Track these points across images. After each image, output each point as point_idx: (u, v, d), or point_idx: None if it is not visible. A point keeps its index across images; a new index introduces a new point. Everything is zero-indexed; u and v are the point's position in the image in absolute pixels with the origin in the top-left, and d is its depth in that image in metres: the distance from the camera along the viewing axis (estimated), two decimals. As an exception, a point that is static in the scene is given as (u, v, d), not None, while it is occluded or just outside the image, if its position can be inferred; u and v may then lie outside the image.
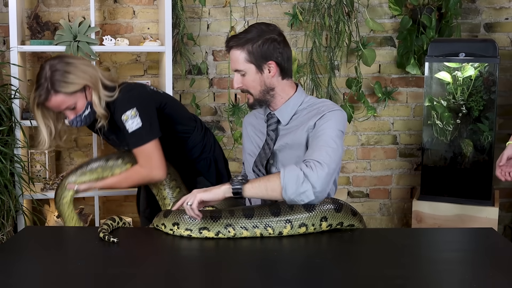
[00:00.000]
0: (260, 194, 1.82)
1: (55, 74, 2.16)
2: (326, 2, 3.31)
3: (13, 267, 1.63)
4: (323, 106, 2.01)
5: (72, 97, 2.20)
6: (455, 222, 3.08)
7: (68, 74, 2.17)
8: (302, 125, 2.00)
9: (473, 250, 1.86)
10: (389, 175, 3.62)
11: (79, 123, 2.27)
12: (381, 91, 3.44)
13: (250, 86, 2.03)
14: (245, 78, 2.02)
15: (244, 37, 2.00)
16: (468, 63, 3.07)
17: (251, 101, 2.07)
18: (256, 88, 2.03)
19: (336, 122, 1.95)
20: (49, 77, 2.16)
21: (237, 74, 2.03)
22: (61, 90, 2.17)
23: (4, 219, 2.86)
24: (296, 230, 1.84)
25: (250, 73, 2.01)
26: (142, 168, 2.24)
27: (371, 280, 1.58)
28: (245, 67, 2.00)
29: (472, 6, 3.47)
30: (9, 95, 2.95)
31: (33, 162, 3.17)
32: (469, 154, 3.16)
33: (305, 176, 1.77)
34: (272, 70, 2.01)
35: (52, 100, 2.18)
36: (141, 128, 2.20)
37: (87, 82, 2.20)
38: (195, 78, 3.42)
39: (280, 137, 2.07)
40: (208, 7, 3.40)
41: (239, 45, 1.99)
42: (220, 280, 1.56)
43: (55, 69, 2.17)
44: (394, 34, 3.49)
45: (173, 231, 1.86)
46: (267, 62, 2.00)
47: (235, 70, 2.03)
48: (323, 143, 1.88)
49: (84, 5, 3.30)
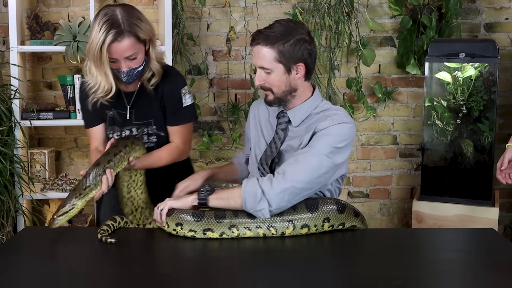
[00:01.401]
0: (223, 205, 1.86)
1: (130, 16, 2.02)
2: (326, 2, 3.30)
3: (13, 267, 1.63)
4: (334, 114, 1.94)
5: (138, 46, 2.05)
6: (455, 222, 3.08)
7: (141, 21, 2.05)
8: (309, 130, 1.95)
9: (473, 251, 1.86)
10: (389, 175, 3.61)
11: (133, 78, 2.09)
12: (381, 91, 3.44)
13: (274, 85, 1.96)
14: (270, 76, 1.94)
15: (274, 34, 1.91)
16: (468, 63, 3.07)
17: (271, 99, 1.99)
18: (280, 88, 1.96)
19: (335, 138, 1.86)
20: (123, 18, 2.00)
21: (260, 71, 1.95)
22: (136, 32, 2.02)
23: (4, 219, 2.86)
24: (298, 231, 1.84)
25: (277, 72, 1.93)
26: (182, 146, 2.23)
27: (372, 281, 1.58)
28: (272, 66, 1.92)
29: (472, 6, 3.46)
30: (8, 95, 2.95)
31: (33, 162, 3.17)
32: (469, 154, 3.16)
33: (262, 194, 1.80)
34: (300, 72, 1.95)
35: (124, 42, 2.00)
36: (193, 106, 2.24)
37: (152, 35, 2.10)
38: (195, 78, 3.42)
39: (288, 138, 2.02)
40: (208, 7, 3.40)
41: (269, 43, 1.91)
42: (221, 279, 1.56)
43: (129, 11, 2.04)
44: (394, 34, 3.49)
45: (177, 231, 1.86)
46: (296, 63, 1.93)
47: (260, 67, 1.95)
48: (303, 158, 1.84)
49: (84, 5, 3.30)
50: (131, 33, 2.00)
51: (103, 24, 1.98)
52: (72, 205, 1.88)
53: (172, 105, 2.19)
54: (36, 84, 3.38)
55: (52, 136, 3.40)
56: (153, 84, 2.16)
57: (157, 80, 2.16)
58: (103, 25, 1.98)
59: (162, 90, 2.18)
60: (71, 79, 3.08)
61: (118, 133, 2.22)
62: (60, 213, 1.86)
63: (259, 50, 1.92)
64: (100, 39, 1.98)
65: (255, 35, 1.94)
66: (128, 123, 2.21)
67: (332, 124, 1.89)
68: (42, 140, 3.40)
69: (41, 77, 3.38)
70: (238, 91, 3.48)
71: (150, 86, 2.16)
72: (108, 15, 2.00)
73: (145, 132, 2.22)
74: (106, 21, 1.99)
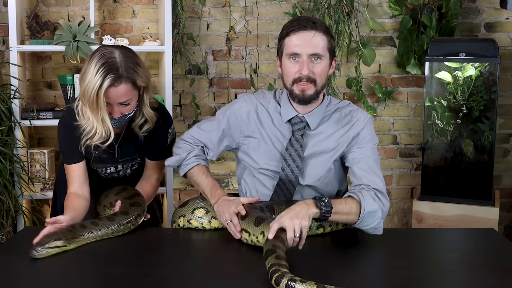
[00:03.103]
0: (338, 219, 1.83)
1: (129, 61, 1.93)
2: (326, 2, 3.30)
3: (13, 267, 1.63)
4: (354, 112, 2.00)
5: (134, 92, 1.96)
6: (455, 222, 3.07)
7: (139, 66, 1.96)
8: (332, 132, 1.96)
9: (473, 251, 1.86)
10: (389, 175, 3.61)
11: (121, 123, 2.03)
12: (382, 91, 3.44)
13: (321, 75, 1.90)
14: (319, 65, 1.89)
15: (323, 23, 1.92)
16: (468, 63, 3.07)
17: (311, 93, 1.91)
18: (323, 80, 1.92)
19: (374, 138, 1.97)
20: (122, 62, 1.91)
21: (307, 60, 1.88)
22: (134, 78, 1.93)
23: (4, 219, 2.85)
24: (314, 231, 1.88)
25: (325, 61, 1.90)
26: (160, 178, 2.26)
27: (372, 281, 1.58)
28: (324, 53, 1.90)
29: (473, 5, 3.46)
30: (8, 95, 2.95)
31: (33, 162, 3.16)
32: (470, 154, 3.16)
33: (382, 213, 1.84)
34: (333, 67, 1.97)
35: (120, 87, 1.91)
36: (173, 141, 2.20)
37: (148, 82, 2.01)
38: (195, 78, 3.42)
39: (311, 143, 1.97)
40: (208, 7, 3.39)
41: (323, 30, 1.90)
42: (223, 278, 1.56)
43: (128, 55, 1.95)
44: (394, 34, 3.48)
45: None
46: (334, 57, 1.96)
47: (311, 54, 1.88)
48: (374, 168, 1.91)
49: (84, 4, 3.30)
50: (128, 79, 1.91)
51: (100, 66, 1.89)
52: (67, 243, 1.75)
53: (158, 144, 2.17)
54: (36, 83, 3.37)
55: (52, 136, 3.39)
56: (145, 131, 2.09)
57: (149, 127, 2.09)
58: (101, 68, 1.89)
59: (150, 132, 2.12)
60: (71, 78, 3.08)
61: (103, 169, 2.17)
62: (52, 245, 1.71)
63: (314, 37, 1.87)
64: (97, 83, 1.88)
65: (304, 22, 1.89)
66: (114, 160, 2.16)
67: (363, 126, 1.96)
68: (42, 140, 3.40)
69: (41, 77, 3.38)
70: (238, 91, 3.47)
71: (142, 134, 2.09)
72: (106, 57, 1.90)
73: (129, 166, 2.22)
74: (103, 63, 1.89)
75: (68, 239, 1.76)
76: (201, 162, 2.06)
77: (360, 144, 1.95)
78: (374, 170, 1.91)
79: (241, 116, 2.04)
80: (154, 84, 3.40)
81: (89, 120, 1.96)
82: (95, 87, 1.88)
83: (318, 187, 2.00)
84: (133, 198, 2.03)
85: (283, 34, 1.92)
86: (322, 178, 1.99)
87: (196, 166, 2.04)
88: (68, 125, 2.04)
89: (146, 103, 2.03)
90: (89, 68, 1.91)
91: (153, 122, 2.08)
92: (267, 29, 3.43)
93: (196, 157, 2.06)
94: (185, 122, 3.48)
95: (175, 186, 3.46)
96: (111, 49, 1.94)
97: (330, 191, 2.02)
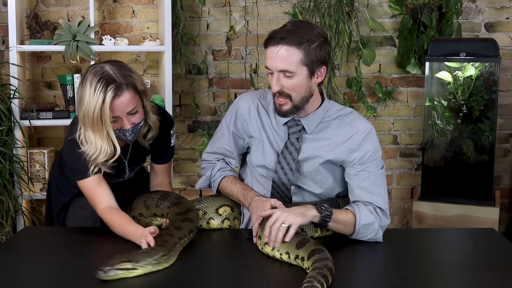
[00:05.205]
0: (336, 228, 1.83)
1: (121, 69, 1.88)
2: (326, 2, 3.30)
3: (13, 267, 1.63)
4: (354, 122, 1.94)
5: (137, 98, 1.90)
6: (455, 222, 3.07)
7: (132, 72, 1.91)
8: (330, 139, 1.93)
9: (474, 251, 1.86)
10: (389, 175, 3.61)
11: (136, 134, 1.94)
12: (382, 91, 3.43)
13: (294, 89, 1.82)
14: (291, 80, 1.80)
15: (299, 34, 1.78)
16: (468, 62, 3.06)
17: (287, 108, 1.85)
18: (300, 93, 1.83)
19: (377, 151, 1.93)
20: (115, 71, 1.86)
21: (279, 75, 1.80)
22: (134, 83, 1.87)
23: (3, 220, 2.85)
24: (325, 233, 1.88)
25: (299, 76, 1.80)
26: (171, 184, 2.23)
27: (372, 281, 1.58)
28: (297, 69, 1.79)
29: (473, 5, 3.46)
30: (8, 95, 2.94)
31: (32, 162, 3.16)
32: (470, 154, 3.16)
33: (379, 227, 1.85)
34: (321, 75, 1.85)
35: (124, 95, 1.84)
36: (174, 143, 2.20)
37: (145, 86, 1.94)
38: (194, 78, 3.42)
39: (305, 146, 1.94)
40: (208, 7, 3.39)
41: (296, 43, 1.77)
42: (228, 278, 1.55)
43: (119, 65, 1.90)
44: (394, 34, 3.48)
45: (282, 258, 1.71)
46: (320, 67, 1.83)
47: (280, 70, 1.79)
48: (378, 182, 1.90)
49: (84, 4, 3.30)
50: (129, 85, 1.86)
51: (97, 83, 1.83)
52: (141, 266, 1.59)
53: (162, 148, 2.14)
54: (35, 83, 3.37)
55: (52, 136, 3.39)
56: (149, 139, 2.04)
57: (154, 135, 2.03)
58: (98, 84, 1.82)
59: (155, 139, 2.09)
60: (71, 78, 3.07)
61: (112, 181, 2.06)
62: (123, 267, 1.56)
63: (281, 51, 1.78)
64: (99, 100, 1.82)
65: (276, 34, 1.79)
66: (122, 174, 2.12)
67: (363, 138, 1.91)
68: (42, 139, 3.40)
69: (41, 77, 3.38)
70: (238, 91, 3.47)
71: (147, 142, 2.04)
72: (99, 73, 1.85)
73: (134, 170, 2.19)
74: (99, 79, 1.83)
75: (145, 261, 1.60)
76: (227, 173, 2.06)
77: (362, 160, 1.90)
78: (375, 188, 1.89)
79: (243, 116, 2.03)
80: (154, 84, 3.39)
81: (92, 143, 1.89)
82: (98, 104, 1.82)
83: (315, 190, 1.98)
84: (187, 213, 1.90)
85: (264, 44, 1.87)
86: (320, 183, 1.96)
87: (223, 179, 2.04)
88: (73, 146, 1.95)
89: (148, 109, 1.98)
90: (85, 90, 1.85)
91: (157, 128, 2.03)
92: (267, 29, 3.42)
93: (221, 170, 2.06)
94: (185, 122, 3.48)
95: (175, 186, 3.45)
96: (101, 65, 1.90)
97: (328, 195, 2.00)
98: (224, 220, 2.00)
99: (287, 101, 1.84)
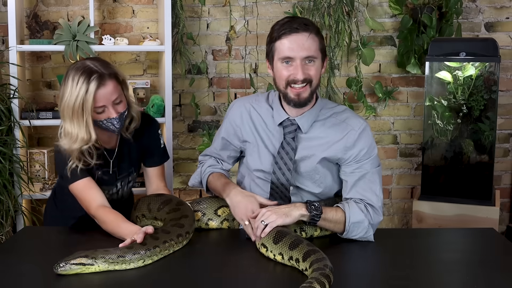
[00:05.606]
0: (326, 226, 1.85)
1: (100, 61, 1.96)
2: (326, 2, 3.30)
3: (13, 267, 1.63)
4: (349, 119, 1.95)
5: (119, 88, 1.98)
6: (455, 222, 3.07)
7: (111, 64, 2.00)
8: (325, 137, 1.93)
9: (473, 251, 1.86)
10: (389, 175, 3.61)
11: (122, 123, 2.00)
12: (382, 91, 3.43)
13: (316, 76, 1.89)
14: (313, 66, 1.87)
15: (312, 24, 1.90)
16: (468, 62, 3.06)
17: (307, 95, 1.88)
18: (317, 80, 1.90)
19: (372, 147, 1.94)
20: (96, 64, 1.93)
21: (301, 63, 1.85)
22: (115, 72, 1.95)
23: (3, 219, 2.85)
24: (324, 232, 1.89)
25: (318, 62, 1.88)
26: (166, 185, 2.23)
27: (372, 281, 1.58)
28: (318, 55, 1.87)
29: (473, 5, 3.46)
30: (8, 95, 2.94)
31: (32, 162, 3.16)
32: (470, 154, 3.16)
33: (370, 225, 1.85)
34: (324, 67, 1.94)
35: (108, 85, 1.91)
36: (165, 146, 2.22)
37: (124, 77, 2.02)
38: (194, 78, 3.41)
39: (302, 146, 1.95)
40: (207, 6, 3.39)
41: (315, 31, 1.87)
42: (227, 278, 1.55)
43: (98, 59, 2.00)
44: (394, 34, 3.48)
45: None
46: (325, 57, 1.94)
47: (306, 57, 1.85)
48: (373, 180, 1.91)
49: (83, 4, 3.29)
50: (111, 74, 1.94)
51: (80, 77, 1.89)
52: (94, 261, 1.60)
53: (153, 148, 2.17)
54: (35, 83, 3.37)
55: (52, 136, 3.39)
56: (132, 131, 2.08)
57: (136, 125, 2.09)
58: (80, 78, 1.89)
59: (142, 136, 2.13)
60: (71, 78, 3.07)
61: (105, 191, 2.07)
62: (78, 262, 1.58)
63: (305, 39, 1.84)
64: (81, 90, 1.88)
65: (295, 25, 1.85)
66: (113, 180, 2.13)
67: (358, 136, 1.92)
68: (42, 139, 3.40)
69: (41, 77, 3.38)
70: (238, 91, 3.47)
71: (128, 134, 2.08)
72: (81, 68, 1.91)
73: (126, 183, 2.19)
74: (81, 73, 1.90)
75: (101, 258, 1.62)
76: (216, 170, 2.08)
77: (357, 158, 1.92)
78: (370, 186, 1.90)
79: (235, 122, 2.05)
80: (154, 83, 3.39)
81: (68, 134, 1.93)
82: (80, 94, 1.88)
83: (313, 190, 1.98)
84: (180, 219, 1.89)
85: (274, 37, 1.88)
86: (318, 182, 1.96)
87: (211, 175, 2.07)
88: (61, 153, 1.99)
89: (129, 100, 2.05)
90: (67, 84, 1.91)
91: (139, 118, 2.09)
92: (267, 28, 3.39)
93: (211, 167, 2.09)
94: (184, 122, 3.48)
95: (175, 186, 3.46)
96: (81, 61, 1.97)
97: (327, 194, 2.00)
98: (223, 221, 1.99)
99: (306, 88, 1.88)
